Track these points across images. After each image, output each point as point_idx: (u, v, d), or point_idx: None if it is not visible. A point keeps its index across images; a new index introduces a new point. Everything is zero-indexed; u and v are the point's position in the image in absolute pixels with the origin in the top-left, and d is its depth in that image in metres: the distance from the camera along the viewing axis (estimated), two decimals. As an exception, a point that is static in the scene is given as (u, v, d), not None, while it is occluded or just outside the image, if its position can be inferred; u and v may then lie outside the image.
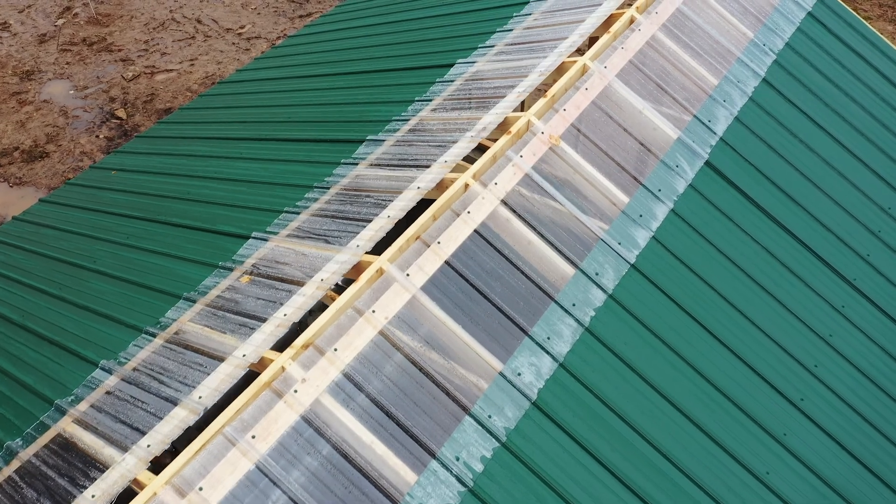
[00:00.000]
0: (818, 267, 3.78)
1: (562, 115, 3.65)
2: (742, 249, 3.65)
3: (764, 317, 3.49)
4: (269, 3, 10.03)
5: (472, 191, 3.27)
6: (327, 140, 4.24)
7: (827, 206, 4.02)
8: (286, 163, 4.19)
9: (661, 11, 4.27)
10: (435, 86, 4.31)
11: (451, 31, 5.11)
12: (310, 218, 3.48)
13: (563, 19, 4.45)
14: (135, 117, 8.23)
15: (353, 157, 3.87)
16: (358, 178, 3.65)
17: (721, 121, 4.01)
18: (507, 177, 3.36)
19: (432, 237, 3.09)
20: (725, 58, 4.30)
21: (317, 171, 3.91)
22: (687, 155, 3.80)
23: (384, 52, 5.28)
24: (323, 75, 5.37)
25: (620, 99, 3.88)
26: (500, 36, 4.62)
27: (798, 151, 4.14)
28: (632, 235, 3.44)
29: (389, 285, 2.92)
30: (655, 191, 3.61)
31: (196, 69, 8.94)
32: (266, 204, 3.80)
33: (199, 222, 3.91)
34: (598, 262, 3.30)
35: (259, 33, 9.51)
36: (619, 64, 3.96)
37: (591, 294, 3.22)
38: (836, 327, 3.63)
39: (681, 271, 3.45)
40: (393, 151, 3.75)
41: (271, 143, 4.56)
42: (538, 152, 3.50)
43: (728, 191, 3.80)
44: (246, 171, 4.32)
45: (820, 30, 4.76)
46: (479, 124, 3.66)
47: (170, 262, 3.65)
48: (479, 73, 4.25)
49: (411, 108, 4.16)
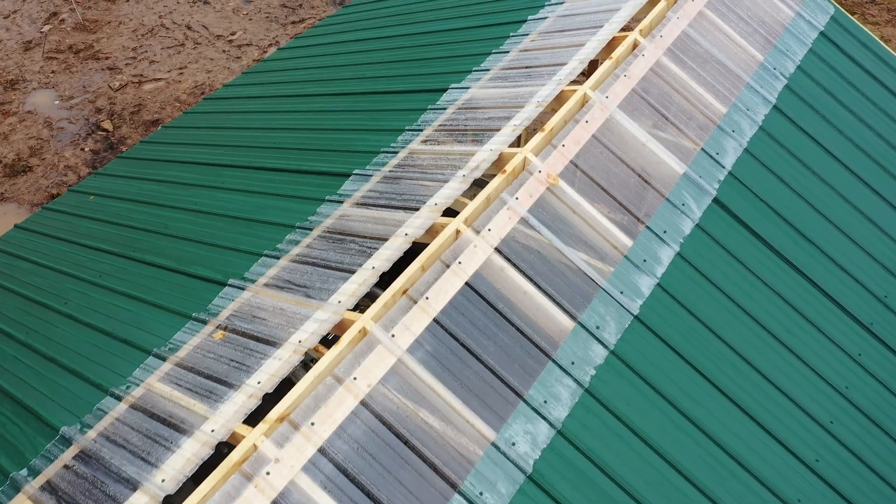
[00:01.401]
0: (833, 311, 3.55)
1: (560, 152, 3.41)
2: (753, 295, 3.42)
3: (776, 369, 3.26)
4: (260, 9, 9.77)
5: (463, 238, 3.04)
6: (312, 172, 4.01)
7: (841, 243, 3.78)
8: (268, 196, 3.95)
9: (665, 34, 4.02)
10: (426, 113, 4.07)
11: (445, 51, 4.86)
12: (290, 264, 3.24)
13: (562, 42, 4.20)
14: (121, 129, 7.99)
15: (338, 194, 3.64)
16: (342, 218, 3.42)
17: (730, 153, 3.78)
18: (502, 222, 3.13)
19: (420, 292, 2.85)
20: (734, 83, 4.06)
21: (300, 208, 3.67)
22: (694, 192, 3.56)
23: (374, 72, 5.03)
24: (310, 95, 5.12)
25: (623, 132, 3.64)
26: (495, 58, 4.38)
27: (811, 184, 3.91)
28: (635, 283, 3.21)
29: (373, 348, 2.69)
30: (660, 232, 3.38)
31: (185, 78, 8.68)
32: (245, 244, 3.56)
33: (175, 262, 3.67)
34: (598, 314, 3.07)
35: (250, 40, 9.25)
36: (621, 93, 3.72)
37: (591, 350, 2.99)
38: (852, 378, 3.40)
39: (688, 322, 3.22)
40: (380, 189, 3.51)
41: (254, 171, 4.32)
42: (535, 194, 3.26)
43: (738, 230, 3.57)
44: (226, 203, 4.08)
45: (833, 51, 4.52)
46: (472, 161, 3.42)
47: (142, 308, 3.42)
48: (472, 101, 4.00)
49: (401, 138, 3.92)
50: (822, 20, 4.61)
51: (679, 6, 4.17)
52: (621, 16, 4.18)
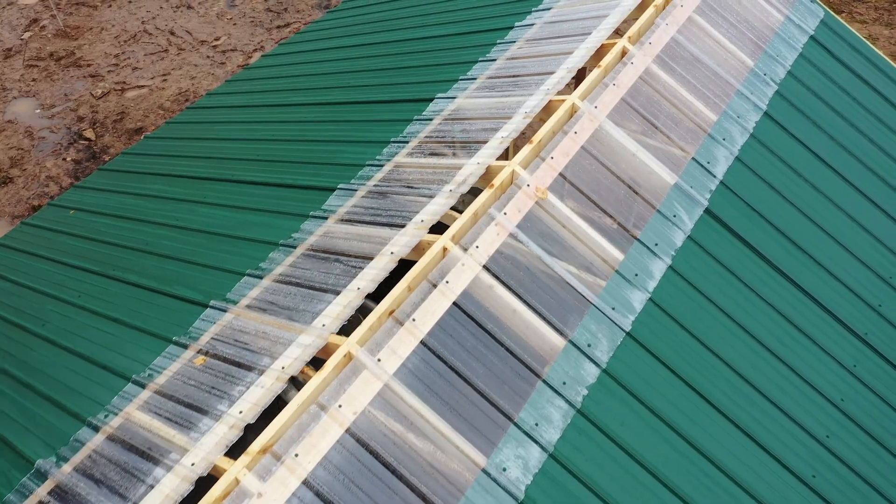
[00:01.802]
0: (827, 322, 3.50)
1: (549, 164, 3.34)
2: (746, 307, 3.36)
3: (771, 383, 3.20)
4: (245, 14, 9.65)
5: (450, 256, 2.96)
6: (296, 186, 3.92)
7: (835, 252, 3.73)
8: (252, 212, 3.86)
9: (654, 41, 3.96)
10: (412, 124, 3.99)
11: (431, 58, 4.78)
12: (273, 285, 3.16)
13: (550, 49, 4.13)
14: (104, 138, 7.86)
15: (322, 210, 3.55)
16: (327, 235, 3.33)
17: (721, 162, 3.72)
18: (490, 238, 3.05)
19: (406, 313, 2.77)
20: (724, 90, 4.00)
21: (283, 225, 3.59)
22: (685, 203, 3.50)
23: (359, 80, 4.94)
24: (294, 105, 5.03)
25: (613, 142, 3.57)
26: (482, 66, 4.30)
27: (803, 193, 3.86)
28: (627, 298, 3.14)
29: (358, 373, 2.61)
30: (652, 245, 3.31)
31: (169, 85, 8.56)
32: (228, 262, 3.47)
33: (156, 282, 3.58)
34: (590, 331, 3.00)
35: (235, 45, 9.14)
36: (610, 102, 3.66)
37: (583, 369, 2.92)
38: (847, 390, 3.35)
39: (681, 337, 3.16)
40: (365, 204, 3.43)
41: (237, 185, 4.23)
42: (523, 208, 3.19)
43: (730, 241, 3.51)
44: (209, 219, 3.99)
45: (823, 55, 4.47)
46: (458, 175, 3.34)
47: (122, 331, 3.32)
48: (459, 111, 3.93)
49: (386, 150, 3.84)
50: (812, 24, 4.56)
51: (668, 12, 4.11)
52: (609, 22, 4.11)
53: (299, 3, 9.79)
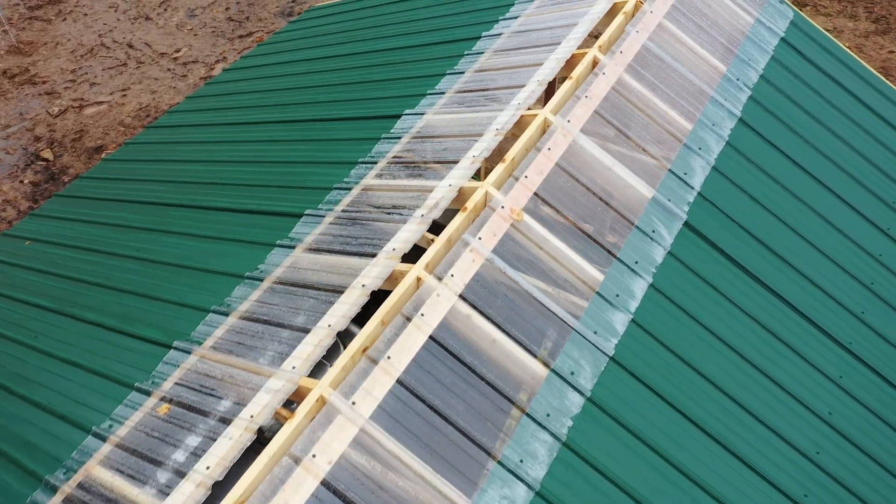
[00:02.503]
0: (811, 333, 3.43)
1: (523, 184, 3.23)
2: (730, 323, 3.28)
3: (758, 401, 3.13)
4: (205, 24, 9.42)
5: (425, 287, 2.83)
6: (262, 212, 3.76)
7: (815, 259, 3.67)
8: (216, 241, 3.70)
9: (625, 50, 3.86)
10: (380, 143, 3.85)
11: (398, 71, 4.64)
12: (239, 322, 3.00)
13: (519, 60, 4.02)
14: (63, 158, 7.60)
15: (289, 238, 3.40)
16: (294, 267, 3.18)
17: (698, 172, 3.64)
18: (465, 265, 2.93)
19: (381, 351, 2.64)
20: (698, 98, 3.92)
21: (249, 255, 3.43)
22: (664, 217, 3.41)
23: (325, 96, 4.79)
24: (258, 123, 4.86)
25: (587, 157, 3.47)
26: (450, 80, 4.17)
27: (781, 199, 3.79)
28: (609, 321, 3.04)
29: (332, 418, 2.47)
30: (632, 264, 3.21)
31: (129, 100, 8.31)
32: (192, 298, 3.31)
33: (117, 320, 3.40)
34: (572, 358, 2.90)
35: (196, 57, 8.90)
36: (583, 116, 3.55)
37: (567, 399, 2.81)
38: (835, 403, 3.29)
39: (665, 358, 3.07)
40: (334, 232, 3.29)
41: (201, 212, 4.06)
42: (499, 232, 3.07)
43: (710, 255, 3.43)
44: (172, 249, 3.81)
45: (794, 57, 4.42)
46: (430, 198, 3.22)
47: (80, 376, 3.15)
48: (428, 129, 3.80)
49: (354, 172, 3.70)
50: (782, 25, 4.51)
51: (638, 19, 4.02)
52: (579, 31, 4.01)
53: (261, 11, 9.58)
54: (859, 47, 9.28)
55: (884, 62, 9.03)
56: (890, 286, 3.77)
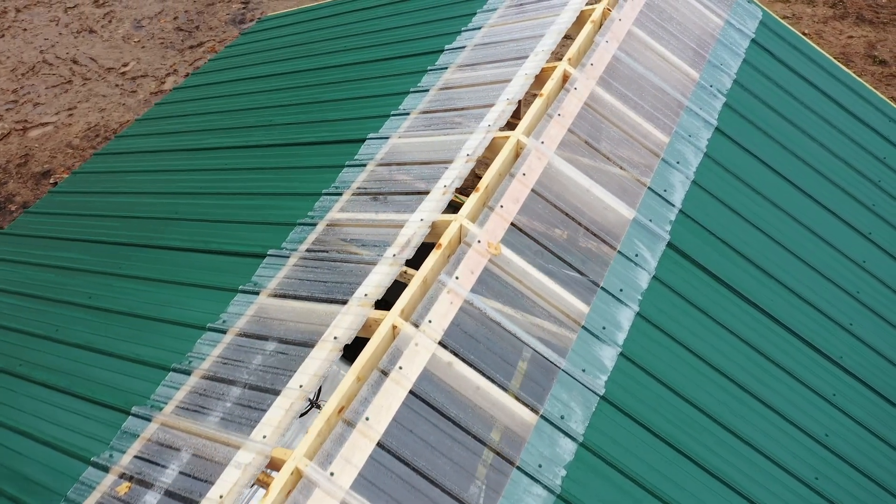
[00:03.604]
0: (801, 350, 3.33)
1: (499, 214, 3.05)
2: (720, 347, 3.15)
3: (754, 429, 3.01)
4: (153, 35, 9.03)
5: (402, 336, 2.64)
6: (221, 252, 3.52)
7: (801, 272, 3.57)
8: (173, 286, 3.45)
9: (596, 62, 3.70)
10: (344, 171, 3.63)
11: (358, 89, 4.42)
12: (202, 382, 2.78)
13: (486, 76, 3.83)
14: (7, 185, 7.20)
15: (252, 282, 3.18)
16: (259, 317, 2.96)
17: (678, 188, 3.50)
18: (443, 309, 2.75)
19: (358, 412, 2.45)
20: (673, 108, 3.78)
21: (210, 302, 3.20)
22: (646, 239, 3.27)
23: (283, 117, 4.55)
24: (213, 149, 4.60)
25: (564, 179, 3.30)
26: (414, 98, 3.97)
27: (762, 211, 3.68)
28: (597, 356, 2.89)
29: (310, 493, 2.27)
30: (616, 292, 3.06)
31: (76, 120, 7.92)
32: (150, 354, 3.07)
33: (69, 383, 3.15)
34: (562, 401, 2.73)
35: (145, 71, 8.52)
36: (557, 136, 3.39)
37: (558, 447, 2.65)
38: (830, 423, 3.19)
39: (656, 391, 2.92)
40: (300, 276, 3.07)
41: (156, 252, 3.80)
42: (476, 269, 2.89)
43: (695, 276, 3.29)
44: (127, 296, 3.55)
45: (766, 59, 4.31)
46: (401, 235, 3.02)
47: (29, 448, 2.89)
48: (394, 154, 3.59)
49: (318, 204, 3.48)
50: (751, 26, 4.39)
51: (606, 28, 3.86)
52: (546, 43, 3.84)
53: (211, 19, 9.22)
54: (819, 33, 9.29)
55: (843, 48, 9.06)
56: (876, 294, 3.68)
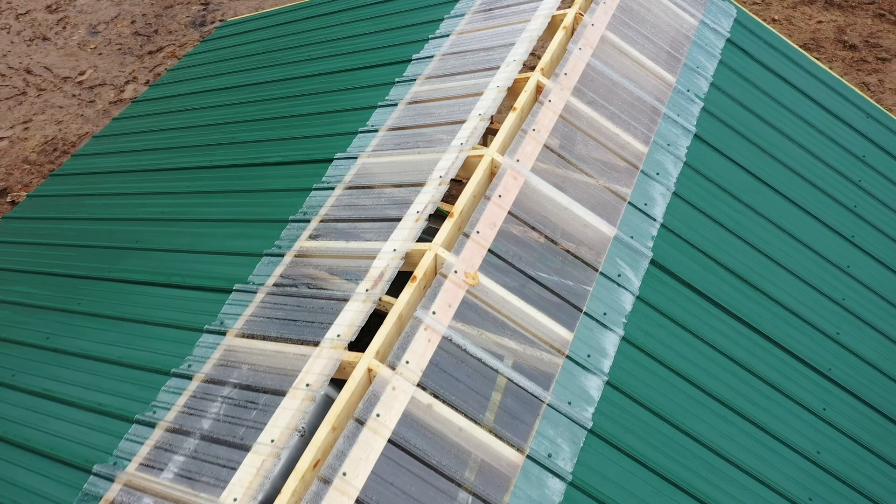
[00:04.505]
0: (790, 364, 3.25)
1: (475, 241, 2.91)
2: (708, 367, 3.06)
3: (745, 451, 2.92)
4: (110, 41, 8.71)
5: (378, 379, 2.50)
6: (185, 286, 3.34)
7: (785, 281, 3.49)
8: (134, 325, 3.27)
9: (570, 71, 3.57)
10: (311, 195, 3.46)
11: (324, 103, 4.24)
12: (167, 436, 2.61)
13: (456, 88, 3.68)
14: (-38, 206, 6.90)
15: (219, 320, 3.01)
16: (226, 361, 2.80)
17: (658, 201, 3.39)
18: (421, 347, 2.61)
19: (334, 468, 2.30)
20: (651, 116, 3.66)
21: (174, 344, 3.02)
22: (628, 257, 3.15)
23: (247, 134, 4.35)
24: (174, 169, 4.39)
25: (541, 198, 3.17)
26: (382, 114, 3.80)
27: (745, 219, 3.58)
28: (583, 387, 2.77)
29: (285, 560, 2.14)
30: (600, 316, 2.95)
31: (32, 134, 7.61)
32: (112, 405, 2.89)
33: (27, 433, 2.96)
34: (548, 438, 2.62)
35: (103, 79, 8.22)
36: (532, 152, 3.25)
37: (547, 488, 2.53)
38: (822, 439, 3.12)
39: (646, 420, 2.82)
40: (267, 314, 2.91)
41: (116, 285, 3.60)
42: (454, 301, 2.75)
43: (680, 293, 3.19)
44: (85, 338, 3.36)
45: (742, 58, 4.20)
46: (373, 268, 2.87)
47: (-14, 512, 2.71)
48: (363, 176, 3.43)
49: (285, 233, 3.31)
50: (726, 25, 4.28)
51: (579, 34, 3.72)
52: (518, 52, 3.69)
53: (170, 22, 8.92)
54: (788, 19, 9.25)
55: (813, 33, 9.02)
56: (861, 299, 3.62)
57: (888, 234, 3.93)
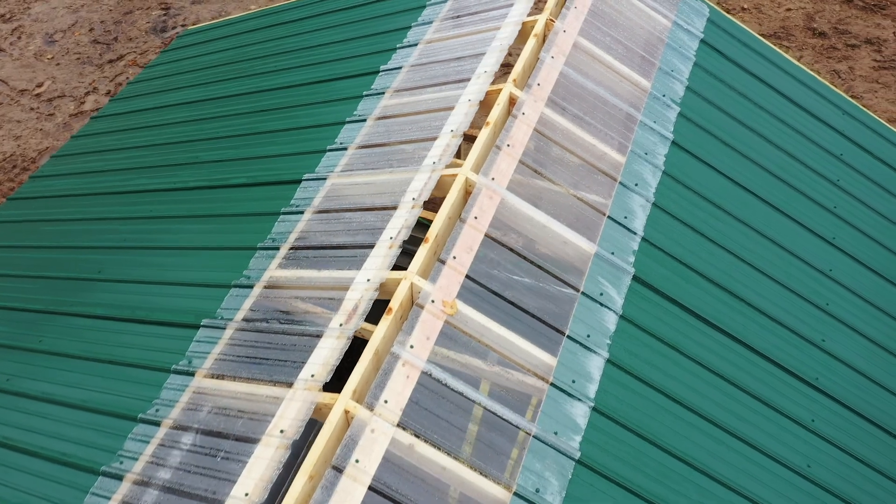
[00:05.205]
0: (777, 376, 3.19)
1: (452, 267, 2.80)
2: (694, 385, 2.99)
3: (736, 471, 2.86)
4: (68, 50, 8.42)
5: (356, 422, 2.39)
6: (150, 322, 3.19)
7: (769, 289, 3.43)
8: (96, 364, 3.12)
9: (543, 81, 3.46)
10: (280, 221, 3.32)
11: (291, 119, 4.09)
12: (135, 489, 2.48)
13: (426, 102, 3.55)
14: (-81, 230, 6.62)
15: (186, 359, 2.87)
16: (194, 406, 2.66)
17: (638, 214, 3.30)
18: (400, 385, 2.50)
19: (313, 522, 2.19)
20: (627, 125, 3.57)
21: (140, 386, 2.88)
22: (610, 274, 3.06)
23: (211, 153, 4.18)
24: (135, 192, 4.21)
25: (520, 217, 3.07)
26: (350, 130, 3.67)
27: (725, 227, 3.51)
28: (569, 416, 2.68)
29: None
30: (583, 339, 2.86)
31: (-11, 150, 7.34)
32: (77, 455, 2.75)
33: (-14, 489, 2.81)
34: (535, 472, 2.53)
35: (62, 90, 7.95)
36: (507, 170, 3.14)
37: (536, 525, 2.44)
38: (812, 452, 3.07)
39: (634, 445, 2.74)
40: (237, 353, 2.78)
41: (77, 320, 3.44)
42: (432, 333, 2.64)
43: (664, 308, 3.11)
44: (48, 380, 3.20)
45: (717, 59, 4.13)
46: (346, 300, 2.75)
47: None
48: (333, 198, 3.30)
49: (254, 262, 3.17)
50: (699, 25, 4.20)
51: (551, 42, 3.61)
52: (488, 63, 3.57)
53: (130, 29, 8.65)
54: (758, 7, 9.23)
55: (783, 21, 9.01)
56: (844, 303, 3.57)
57: (868, 233, 3.89)
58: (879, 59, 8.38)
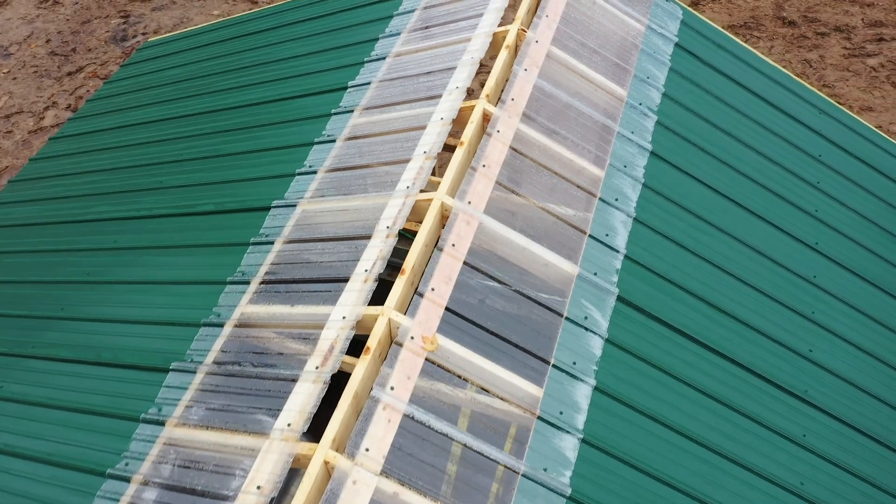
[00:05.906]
0: (766, 391, 3.13)
1: (430, 300, 2.69)
2: (683, 407, 2.91)
3: (729, 495, 2.79)
4: (25, 63, 8.13)
5: (337, 473, 2.27)
6: (117, 365, 3.04)
7: (753, 300, 3.36)
8: (59, 412, 2.96)
9: (517, 95, 3.35)
10: (249, 252, 3.18)
11: (258, 140, 3.93)
12: (107, 555, 2.34)
13: (397, 121, 3.42)
14: None
15: (156, 405, 2.73)
16: (165, 459, 2.53)
17: (620, 231, 3.21)
18: (381, 431, 2.38)
19: (295, 586, 2.08)
20: (605, 137, 3.47)
21: (108, 437, 2.74)
22: (594, 297, 2.97)
23: (175, 177, 4.02)
24: (97, 220, 4.03)
25: (499, 241, 2.96)
26: (320, 152, 3.53)
27: (708, 238, 3.44)
28: (558, 450, 2.59)
29: None
30: (569, 367, 2.76)
31: (-55, 172, 7.06)
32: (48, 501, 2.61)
33: (-53, 555, 2.65)
34: (525, 512, 2.43)
35: (20, 106, 7.67)
36: (485, 191, 3.03)
37: (528, 570, 2.36)
38: (805, 469, 3.01)
39: (625, 475, 2.66)
40: (208, 400, 2.65)
41: (38, 363, 3.28)
42: (413, 372, 2.53)
43: (650, 328, 3.03)
44: (5, 426, 3.04)
45: (692, 63, 4.04)
46: (322, 339, 2.62)
47: None
48: (303, 227, 3.17)
49: (223, 298, 3.03)
50: (673, 28, 4.11)
51: (524, 53, 3.50)
52: (460, 78, 3.45)
53: (89, 39, 8.37)
54: None
55: (752, 11, 8.98)
56: (830, 310, 3.53)
57: (850, 236, 3.85)
58: (849, 46, 8.39)
